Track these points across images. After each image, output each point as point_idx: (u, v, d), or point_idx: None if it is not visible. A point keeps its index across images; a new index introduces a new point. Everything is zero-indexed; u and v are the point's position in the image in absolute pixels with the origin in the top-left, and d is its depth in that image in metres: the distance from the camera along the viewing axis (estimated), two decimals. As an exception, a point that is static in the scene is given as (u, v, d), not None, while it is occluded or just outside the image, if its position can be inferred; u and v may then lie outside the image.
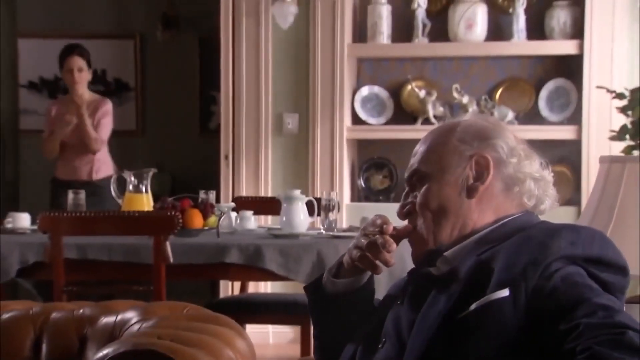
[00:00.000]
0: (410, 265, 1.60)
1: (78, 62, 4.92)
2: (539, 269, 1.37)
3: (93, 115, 4.89)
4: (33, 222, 3.57)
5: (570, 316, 1.32)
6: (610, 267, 1.42)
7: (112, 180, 3.81)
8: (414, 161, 1.58)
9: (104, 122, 4.91)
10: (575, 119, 4.73)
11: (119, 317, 1.97)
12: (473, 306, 1.39)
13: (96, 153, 4.91)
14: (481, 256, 1.45)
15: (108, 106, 4.98)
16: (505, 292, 1.37)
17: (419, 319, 1.46)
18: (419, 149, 1.58)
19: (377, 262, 1.56)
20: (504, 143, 1.52)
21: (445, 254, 1.51)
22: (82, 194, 3.67)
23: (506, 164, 1.51)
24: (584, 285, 1.36)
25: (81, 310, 2.00)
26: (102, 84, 6.88)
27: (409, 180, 1.59)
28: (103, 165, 4.96)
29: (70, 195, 3.66)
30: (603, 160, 2.84)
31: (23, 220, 3.64)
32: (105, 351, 1.69)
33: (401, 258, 3.09)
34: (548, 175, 1.56)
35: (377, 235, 1.58)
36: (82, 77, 4.93)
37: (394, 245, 1.56)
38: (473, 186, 1.51)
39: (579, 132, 4.66)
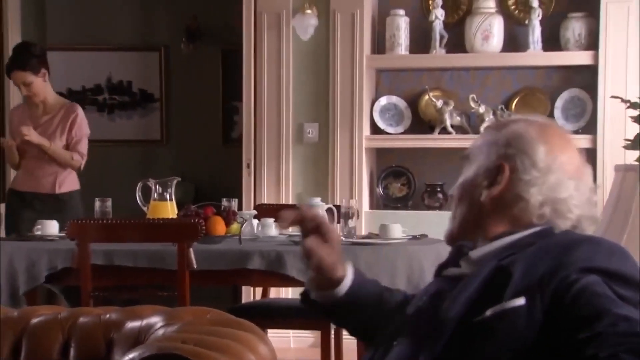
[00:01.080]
0: (429, 275, 1.64)
1: (20, 77, 4.47)
2: (556, 280, 1.38)
3: (63, 122, 4.51)
4: (61, 229, 3.64)
5: (591, 326, 1.32)
6: (627, 282, 1.40)
7: (138, 188, 3.82)
8: (470, 145, 1.64)
9: (80, 134, 4.54)
10: (590, 128, 4.78)
11: (144, 321, 1.97)
12: (489, 312, 1.40)
13: (79, 169, 4.59)
14: (502, 261, 1.46)
15: (79, 113, 4.57)
16: (521, 301, 1.38)
17: (435, 322, 1.47)
18: (479, 137, 1.63)
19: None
20: (527, 157, 1.51)
21: (470, 254, 1.54)
22: (109, 202, 3.66)
23: (519, 178, 1.52)
24: (604, 296, 1.36)
25: (108, 315, 2.02)
26: (127, 95, 7.00)
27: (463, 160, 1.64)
28: (68, 178, 4.57)
29: (97, 203, 3.68)
30: (618, 169, 2.88)
31: (52, 227, 3.68)
32: (130, 355, 1.72)
33: (420, 267, 3.17)
34: (573, 197, 1.52)
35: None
36: (35, 88, 4.48)
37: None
38: (483, 191, 1.54)
39: (594, 141, 4.71)
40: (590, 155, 4.69)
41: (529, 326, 1.38)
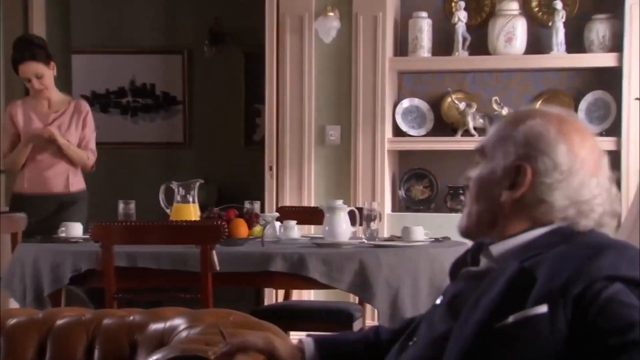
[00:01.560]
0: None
1: (32, 69, 4.29)
2: (579, 287, 1.36)
3: (76, 119, 4.39)
4: (85, 231, 3.66)
5: (621, 337, 1.31)
6: None
7: (161, 190, 3.85)
8: (484, 139, 1.60)
9: (91, 132, 4.43)
10: (614, 130, 4.76)
11: (168, 323, 1.99)
12: (511, 318, 1.38)
13: (92, 168, 4.47)
14: (524, 263, 1.44)
15: (88, 109, 4.46)
16: (543, 309, 1.37)
17: (458, 326, 1.46)
18: (492, 129, 1.60)
19: None
20: (548, 159, 1.49)
21: (490, 248, 1.52)
22: (132, 204, 3.68)
23: (542, 181, 1.49)
24: (632, 306, 1.34)
25: (131, 317, 2.04)
26: (150, 98, 7.05)
27: (476, 154, 1.61)
28: (77, 176, 4.46)
29: (121, 205, 3.70)
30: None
31: (76, 229, 3.70)
32: (154, 357, 1.74)
33: (442, 270, 3.16)
34: (596, 196, 1.50)
35: None
36: (46, 80, 4.32)
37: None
38: (504, 193, 1.51)
39: (618, 143, 4.68)
40: (614, 158, 4.67)
41: (551, 334, 1.36)
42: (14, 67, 4.33)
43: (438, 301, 1.59)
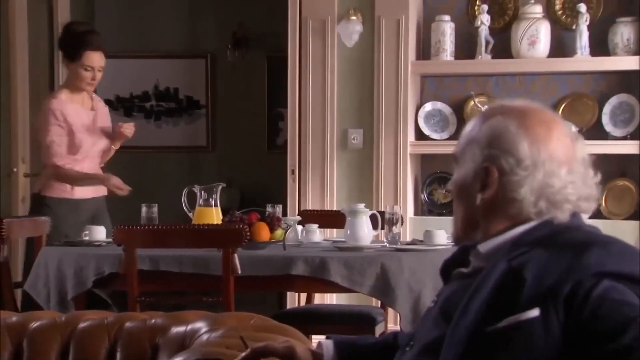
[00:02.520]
0: None
1: (100, 60, 4.12)
2: (568, 287, 1.36)
3: (107, 118, 4.32)
4: (109, 235, 3.68)
5: (617, 338, 1.31)
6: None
7: (183, 194, 3.86)
8: (457, 142, 1.61)
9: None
10: (638, 133, 4.72)
11: (189, 327, 2.00)
12: (503, 323, 1.38)
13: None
14: (512, 262, 1.43)
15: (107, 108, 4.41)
16: (535, 312, 1.36)
17: (449, 331, 1.45)
18: (463, 131, 1.60)
19: None
20: (511, 156, 1.49)
21: (478, 247, 1.53)
22: (155, 208, 3.70)
23: (508, 180, 1.49)
24: (625, 303, 1.34)
25: (153, 320, 2.05)
26: (174, 102, 7.09)
27: (453, 160, 1.62)
28: None
29: (144, 209, 3.72)
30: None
31: (99, 233, 3.72)
32: None
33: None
34: (568, 184, 1.49)
35: None
36: (100, 77, 4.19)
37: None
38: (475, 195, 1.52)
39: (643, 146, 4.66)
40: (639, 162, 4.63)
41: (544, 338, 1.36)
42: (77, 51, 4.04)
43: (432, 304, 1.59)
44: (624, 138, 4.76)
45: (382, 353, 1.73)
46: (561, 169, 1.49)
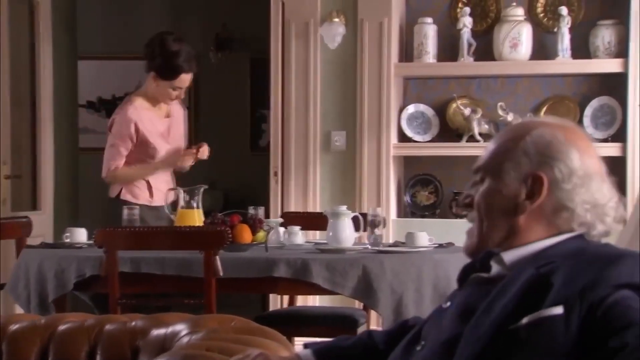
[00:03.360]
0: (455, 283, 1.63)
1: (189, 80, 4.11)
2: (596, 293, 1.37)
3: (177, 122, 4.19)
4: (90, 236, 3.67)
5: (620, 336, 1.32)
6: None
7: (166, 196, 3.84)
8: (483, 156, 1.59)
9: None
10: (619, 136, 4.75)
11: (170, 329, 1.99)
12: (525, 320, 1.39)
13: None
14: (540, 269, 1.44)
15: (185, 112, 4.31)
16: (559, 310, 1.37)
17: (470, 328, 1.45)
18: (491, 145, 1.58)
19: None
20: (564, 165, 1.49)
21: (502, 255, 1.52)
22: (136, 210, 3.71)
23: (560, 189, 1.49)
24: (637, 310, 1.35)
25: (133, 323, 2.04)
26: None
27: (475, 173, 1.59)
28: None
29: (125, 211, 3.71)
30: (644, 177, 2.87)
31: (80, 235, 3.71)
32: None
33: (446, 275, 3.16)
34: (609, 200, 1.51)
35: None
36: (183, 94, 4.16)
37: None
38: (522, 203, 1.51)
39: (624, 149, 4.67)
40: (620, 164, 4.66)
41: (565, 337, 1.36)
42: (172, 74, 3.99)
43: (445, 305, 1.59)
44: (605, 140, 4.79)
45: (359, 353, 1.73)
46: (604, 184, 1.51)
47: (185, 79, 4.04)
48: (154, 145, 4.03)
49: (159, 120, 4.11)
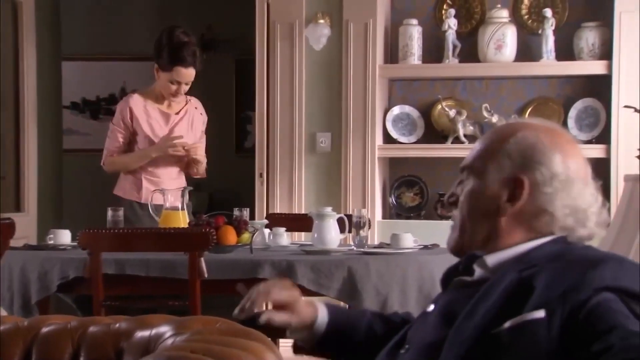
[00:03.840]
0: (439, 286, 1.64)
1: (190, 75, 4.00)
2: (578, 296, 1.37)
3: (192, 122, 4.13)
4: (73, 238, 3.65)
5: (603, 339, 1.32)
6: None
7: (150, 197, 3.82)
8: (469, 155, 1.59)
9: (203, 141, 4.18)
10: (603, 137, 4.77)
11: (154, 331, 1.98)
12: (508, 323, 1.39)
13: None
14: (522, 273, 1.44)
15: (205, 115, 4.22)
16: (541, 314, 1.37)
17: (453, 331, 1.46)
18: (477, 145, 1.60)
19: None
20: (546, 169, 1.49)
21: (485, 258, 1.52)
22: (121, 212, 3.68)
23: (541, 191, 1.50)
24: (619, 312, 1.36)
25: (117, 325, 2.01)
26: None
27: (461, 172, 1.60)
28: None
29: (109, 212, 3.69)
30: (627, 178, 2.88)
31: (64, 236, 3.69)
32: None
33: (431, 277, 3.16)
34: (590, 205, 1.52)
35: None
36: (185, 90, 4.05)
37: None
38: (503, 206, 1.51)
39: (608, 151, 4.70)
40: (604, 165, 4.69)
41: (547, 340, 1.37)
42: (168, 64, 3.95)
43: (429, 309, 1.59)
44: (589, 142, 4.81)
45: (365, 326, 1.75)
46: (586, 188, 1.51)
47: (184, 73, 3.97)
48: (147, 134, 4.00)
49: (159, 113, 4.06)
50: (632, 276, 1.41)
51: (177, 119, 4.10)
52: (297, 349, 1.83)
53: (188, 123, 4.13)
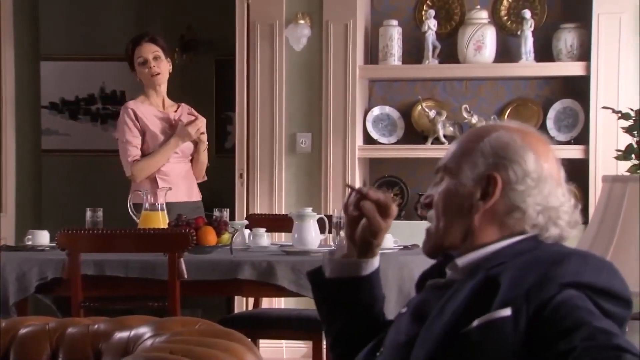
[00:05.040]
0: None
1: (151, 48, 4.05)
2: (543, 292, 1.39)
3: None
4: (52, 239, 3.63)
5: (569, 337, 1.33)
6: (614, 298, 1.42)
7: (129, 198, 3.81)
8: (445, 156, 1.61)
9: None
10: (582, 138, 4.80)
11: (133, 332, 1.97)
12: (475, 322, 1.41)
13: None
14: (490, 271, 1.46)
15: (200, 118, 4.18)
16: (507, 312, 1.39)
17: (423, 331, 1.47)
18: (452, 146, 1.61)
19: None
20: (519, 167, 1.51)
21: (456, 260, 1.54)
22: (100, 212, 3.66)
23: (513, 189, 1.51)
24: (584, 309, 1.37)
25: (96, 326, 2.01)
26: (120, 105, 6.98)
27: (436, 172, 1.62)
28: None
29: (88, 213, 3.67)
30: (605, 179, 2.89)
31: (42, 237, 3.67)
32: None
33: (411, 277, 3.17)
34: (562, 204, 1.53)
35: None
36: (162, 66, 4.08)
37: (377, 193, 1.65)
38: (476, 203, 1.53)
39: (586, 151, 4.73)
40: (582, 166, 4.71)
41: (514, 338, 1.38)
42: (128, 54, 4.07)
43: (403, 311, 1.60)
44: (568, 143, 4.83)
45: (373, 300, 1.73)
46: (558, 188, 1.54)
47: (145, 47, 4.04)
48: (155, 132, 4.02)
49: (161, 115, 4.09)
50: (596, 271, 1.43)
51: (176, 116, 4.14)
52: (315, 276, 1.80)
53: (187, 120, 4.13)
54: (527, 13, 4.83)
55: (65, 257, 3.17)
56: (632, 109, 3.78)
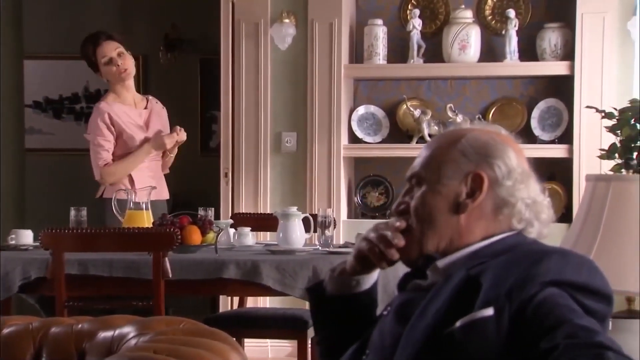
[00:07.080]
0: None
1: (112, 45, 4.05)
2: (524, 291, 1.39)
3: (156, 120, 4.12)
4: (36, 238, 3.62)
5: (551, 336, 1.33)
6: (595, 295, 1.42)
7: (113, 197, 3.80)
8: (416, 163, 1.59)
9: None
10: (566, 137, 4.82)
11: (117, 331, 1.97)
12: (458, 323, 1.40)
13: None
14: (470, 271, 1.46)
15: (165, 111, 4.23)
16: (489, 312, 1.39)
17: (406, 332, 1.47)
18: (424, 152, 1.60)
19: (385, 254, 1.58)
20: (503, 163, 1.52)
21: (437, 262, 1.53)
22: (84, 211, 3.66)
23: (500, 185, 1.52)
24: (565, 307, 1.37)
25: (80, 325, 2.01)
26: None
27: (409, 180, 1.60)
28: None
29: (72, 212, 3.67)
30: (589, 178, 2.90)
31: (26, 236, 3.66)
32: None
33: (396, 276, 3.17)
34: (543, 199, 1.55)
35: (387, 231, 1.58)
36: (128, 61, 4.06)
37: (403, 240, 1.56)
38: (464, 202, 1.52)
39: (570, 151, 4.74)
40: (566, 165, 4.73)
41: (497, 337, 1.39)
42: (90, 55, 4.06)
43: (385, 312, 1.60)
44: (552, 142, 4.85)
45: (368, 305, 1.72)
46: (537, 184, 1.56)
47: (105, 46, 4.03)
48: (131, 134, 4.01)
49: (134, 112, 4.08)
50: (576, 268, 1.43)
51: (147, 113, 4.14)
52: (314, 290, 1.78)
53: (157, 115, 4.17)
54: (512, 12, 4.84)
55: (49, 257, 3.17)
56: (615, 109, 3.80)
